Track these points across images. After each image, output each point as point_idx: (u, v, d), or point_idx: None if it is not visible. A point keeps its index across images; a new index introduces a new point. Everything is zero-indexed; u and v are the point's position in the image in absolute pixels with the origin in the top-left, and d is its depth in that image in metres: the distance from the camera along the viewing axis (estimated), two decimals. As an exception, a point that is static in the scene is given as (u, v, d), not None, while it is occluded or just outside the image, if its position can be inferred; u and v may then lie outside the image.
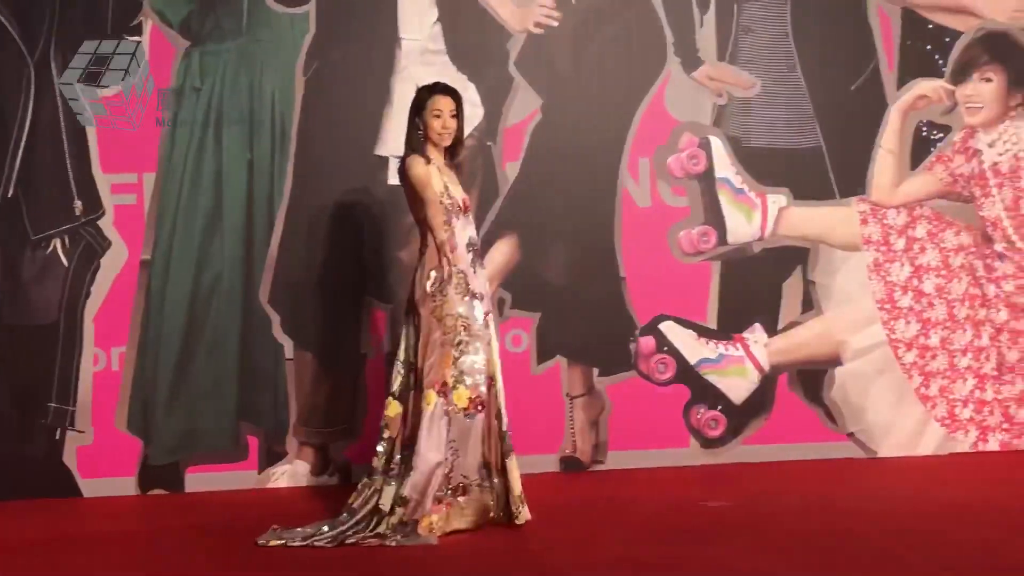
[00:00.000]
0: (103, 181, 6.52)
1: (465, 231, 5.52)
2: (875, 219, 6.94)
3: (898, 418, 6.93)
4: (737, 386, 6.86)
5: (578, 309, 6.71)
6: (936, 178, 6.97)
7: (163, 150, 6.54)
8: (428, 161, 5.50)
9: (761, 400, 6.88)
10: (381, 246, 6.66)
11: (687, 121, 6.85)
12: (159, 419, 6.54)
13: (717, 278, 6.87)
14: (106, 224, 6.51)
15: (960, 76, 6.97)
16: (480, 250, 5.68)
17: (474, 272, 5.50)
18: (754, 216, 6.87)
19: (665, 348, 6.82)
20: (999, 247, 6.99)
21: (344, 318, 6.67)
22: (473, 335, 5.43)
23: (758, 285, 6.89)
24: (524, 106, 6.70)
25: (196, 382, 6.58)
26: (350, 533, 5.39)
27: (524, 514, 5.54)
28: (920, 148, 6.98)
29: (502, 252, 6.71)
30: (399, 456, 5.48)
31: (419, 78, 6.54)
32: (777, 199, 6.90)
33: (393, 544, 5.29)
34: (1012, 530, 5.36)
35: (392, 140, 6.62)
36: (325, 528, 5.44)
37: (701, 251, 6.85)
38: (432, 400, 5.40)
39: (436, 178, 5.48)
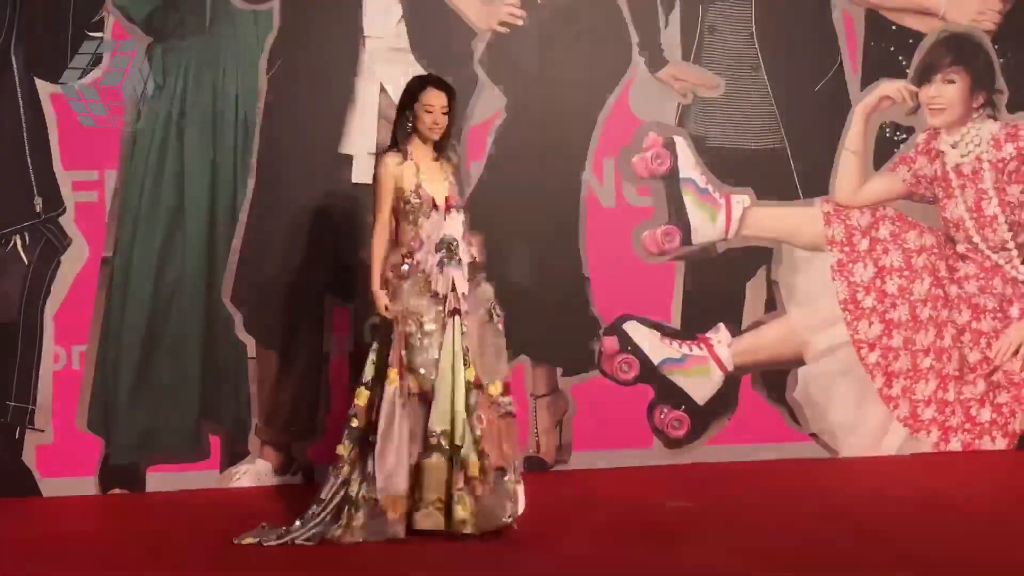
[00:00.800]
0: (64, 178, 6.44)
1: (439, 228, 5.41)
2: (839, 220, 6.96)
3: (861, 418, 6.95)
4: (701, 386, 6.86)
5: (542, 309, 6.69)
6: (899, 179, 6.99)
7: (125, 147, 6.48)
8: (404, 158, 5.43)
9: (724, 400, 6.88)
10: (344, 245, 6.62)
11: (652, 121, 6.83)
12: (120, 418, 6.48)
13: (681, 278, 6.87)
14: (67, 221, 6.44)
15: (923, 78, 7.00)
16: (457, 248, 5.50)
17: (440, 272, 5.39)
18: (718, 216, 6.88)
19: (629, 348, 6.81)
20: (961, 248, 7.03)
21: (307, 317, 6.63)
22: (424, 333, 5.36)
23: (722, 285, 6.90)
24: (488, 105, 6.68)
25: (157, 381, 6.51)
26: (320, 526, 5.36)
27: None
28: (883, 149, 7.00)
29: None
30: (367, 444, 5.39)
31: (383, 76, 6.63)
32: (741, 199, 6.90)
33: (360, 540, 5.25)
34: (972, 530, 5.39)
35: (356, 138, 6.61)
36: (297, 523, 5.40)
37: (665, 251, 6.85)
38: (393, 379, 5.35)
39: (410, 174, 5.41)
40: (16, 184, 6.43)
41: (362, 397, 5.48)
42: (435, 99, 5.43)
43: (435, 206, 5.41)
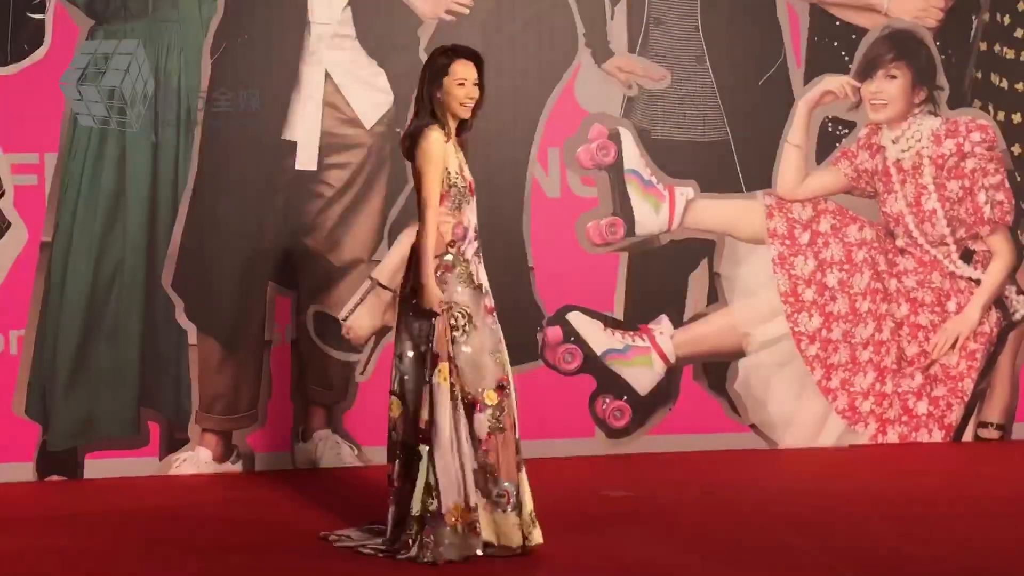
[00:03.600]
0: (3, 161, 6.38)
1: (473, 217, 5.02)
2: (780, 213, 7.00)
3: (799, 410, 7.00)
4: (643, 377, 6.89)
5: None
6: (841, 173, 7.03)
7: (65, 131, 6.42)
8: (448, 137, 4.93)
9: (666, 391, 6.92)
10: (287, 232, 6.61)
11: (597, 112, 6.84)
12: (58, 404, 6.43)
13: (624, 269, 6.88)
14: (6, 204, 6.38)
15: (866, 73, 7.03)
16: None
17: (478, 262, 5.01)
18: (662, 208, 6.90)
19: (572, 338, 6.83)
20: (901, 243, 7.08)
21: (249, 304, 6.61)
22: (474, 326, 4.92)
23: (665, 277, 6.93)
24: None
25: (96, 367, 6.47)
26: (387, 545, 4.98)
27: (536, 536, 4.96)
28: (825, 143, 7.03)
29: (411, 238, 6.51)
30: (414, 455, 4.92)
31: (328, 63, 6.61)
32: (685, 191, 6.92)
33: (437, 559, 4.80)
34: (907, 521, 5.44)
35: (300, 125, 6.60)
36: (379, 540, 5.03)
37: (609, 242, 6.86)
38: (445, 377, 4.87)
39: (452, 156, 4.93)
40: (-46, 166, 6.34)
41: (396, 407, 5.00)
42: (468, 71, 4.93)
43: (472, 191, 5.00)
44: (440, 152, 4.88)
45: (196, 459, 6.55)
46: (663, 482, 6.19)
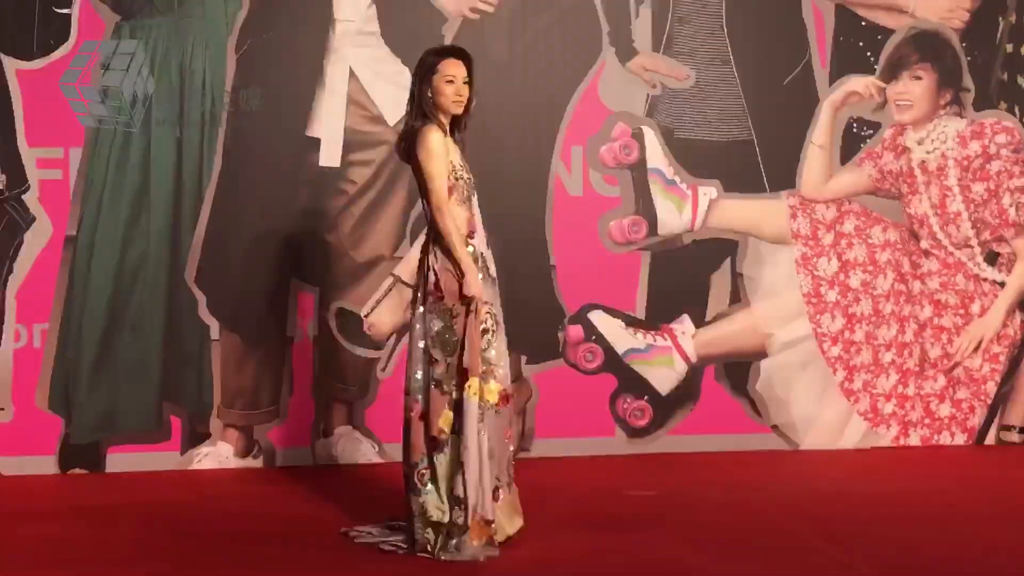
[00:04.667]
0: (28, 155, 6.41)
1: (477, 210, 5.06)
2: (804, 213, 6.97)
3: (821, 411, 6.96)
4: (664, 376, 6.87)
5: (507, 296, 6.40)
6: (865, 174, 7.01)
7: (90, 125, 6.45)
8: (445, 133, 4.98)
9: (687, 391, 6.89)
10: (309, 228, 6.62)
11: (621, 111, 6.83)
12: (81, 398, 6.44)
13: (647, 268, 6.86)
14: (31, 199, 6.41)
15: (891, 73, 7.00)
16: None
17: (489, 254, 5.06)
18: (685, 207, 6.89)
19: (593, 337, 6.81)
20: (925, 244, 7.04)
21: (271, 300, 6.61)
22: (498, 323, 5.01)
23: (687, 276, 6.90)
24: None
25: (119, 361, 6.48)
26: (404, 535, 5.05)
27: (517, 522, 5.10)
28: (850, 144, 7.00)
29: None
30: (430, 458, 4.97)
31: (352, 60, 6.62)
32: (708, 191, 6.90)
33: (444, 558, 4.89)
34: (928, 523, 5.43)
35: (324, 122, 6.61)
36: (399, 537, 5.08)
37: (631, 241, 6.85)
38: (476, 387, 4.90)
39: (454, 152, 4.98)
40: (-20, 160, 6.38)
41: (412, 408, 5.01)
42: (455, 69, 4.98)
43: (473, 186, 5.04)
44: (442, 147, 4.93)
45: (217, 454, 6.56)
46: (683, 482, 6.18)
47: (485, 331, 4.94)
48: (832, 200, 6.99)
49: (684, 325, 6.90)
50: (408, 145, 4.98)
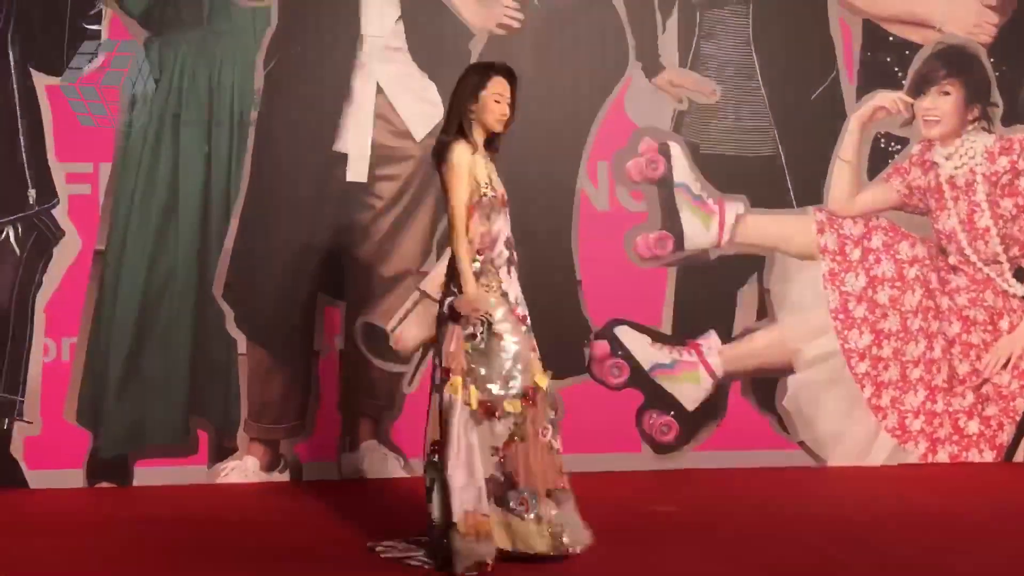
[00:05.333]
0: (58, 170, 6.46)
1: (505, 227, 5.02)
2: (831, 229, 6.95)
3: (849, 428, 6.94)
4: (690, 392, 6.85)
5: (533, 311, 6.30)
6: (893, 190, 6.99)
7: (119, 140, 6.47)
8: (475, 149, 4.99)
9: (714, 406, 6.88)
10: (337, 243, 6.63)
11: (647, 126, 6.84)
12: (109, 411, 6.48)
13: (673, 284, 6.86)
14: (60, 213, 6.46)
15: (919, 89, 7.01)
16: (515, 258, 5.09)
17: (508, 274, 5.01)
18: (711, 223, 6.87)
19: (619, 352, 6.80)
20: (953, 260, 7.01)
21: (298, 315, 6.63)
22: (494, 334, 4.91)
23: (714, 292, 6.88)
24: None
25: (147, 375, 6.52)
26: (425, 551, 5.04)
27: (573, 540, 4.99)
28: (878, 159, 6.99)
29: None
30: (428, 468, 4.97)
31: (380, 76, 6.64)
32: (735, 206, 6.89)
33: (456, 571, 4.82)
34: (956, 541, 5.38)
35: (351, 137, 6.62)
36: (425, 552, 5.05)
37: (658, 256, 6.84)
38: (456, 385, 4.86)
39: (481, 168, 4.99)
40: (10, 175, 6.44)
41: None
42: (504, 88, 5.01)
43: (503, 202, 5.03)
44: (465, 164, 4.93)
45: (244, 468, 6.58)
46: (710, 498, 6.16)
47: (472, 336, 4.90)
48: (860, 215, 6.97)
49: (710, 340, 6.89)
50: (437, 159, 5.03)
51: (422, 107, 6.66)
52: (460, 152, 4.94)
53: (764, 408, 6.92)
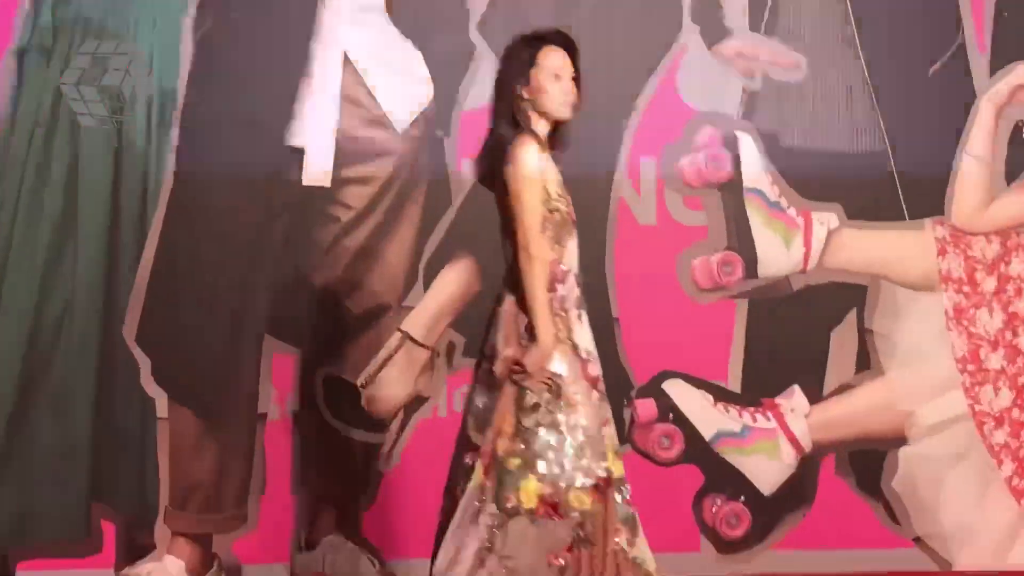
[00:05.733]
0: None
1: (575, 256, 4.57)
2: (957, 249, 6.29)
3: (982, 518, 6.23)
4: (767, 470, 6.17)
5: None
6: (1039, 197, 6.44)
7: (-2, 135, 6.10)
8: (543, 148, 4.47)
9: (799, 490, 6.20)
10: (290, 269, 5.96)
11: (707, 111, 6.17)
12: (-17, 497, 6.01)
13: (743, 323, 6.20)
14: (-86, 229, 6.03)
15: (1076, 61, 6.40)
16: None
17: (579, 319, 4.48)
18: (794, 240, 6.20)
19: (671, 416, 6.14)
20: (1123, 293, 6.51)
21: (238, 364, 5.94)
22: (564, 401, 4.38)
23: (798, 334, 6.21)
24: (488, 85, 5.57)
25: (35, 449, 5.82)
26: None
27: None
28: (1020, 155, 6.32)
29: (454, 280, 6.06)
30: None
31: (348, 44, 6.03)
32: (826, 218, 6.21)
33: None
34: None
35: (311, 126, 5.97)
36: None
37: (722, 286, 6.17)
38: (479, 477, 4.39)
39: (551, 174, 4.47)
40: None
41: None
42: (562, 60, 4.46)
43: (574, 220, 4.54)
44: (538, 169, 4.39)
45: (164, 571, 5.87)
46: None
47: (536, 406, 4.35)
48: (995, 231, 6.30)
49: (794, 400, 6.19)
50: (495, 161, 4.42)
51: (405, 86, 6.02)
52: (530, 153, 4.40)
53: (867, 492, 6.22)
